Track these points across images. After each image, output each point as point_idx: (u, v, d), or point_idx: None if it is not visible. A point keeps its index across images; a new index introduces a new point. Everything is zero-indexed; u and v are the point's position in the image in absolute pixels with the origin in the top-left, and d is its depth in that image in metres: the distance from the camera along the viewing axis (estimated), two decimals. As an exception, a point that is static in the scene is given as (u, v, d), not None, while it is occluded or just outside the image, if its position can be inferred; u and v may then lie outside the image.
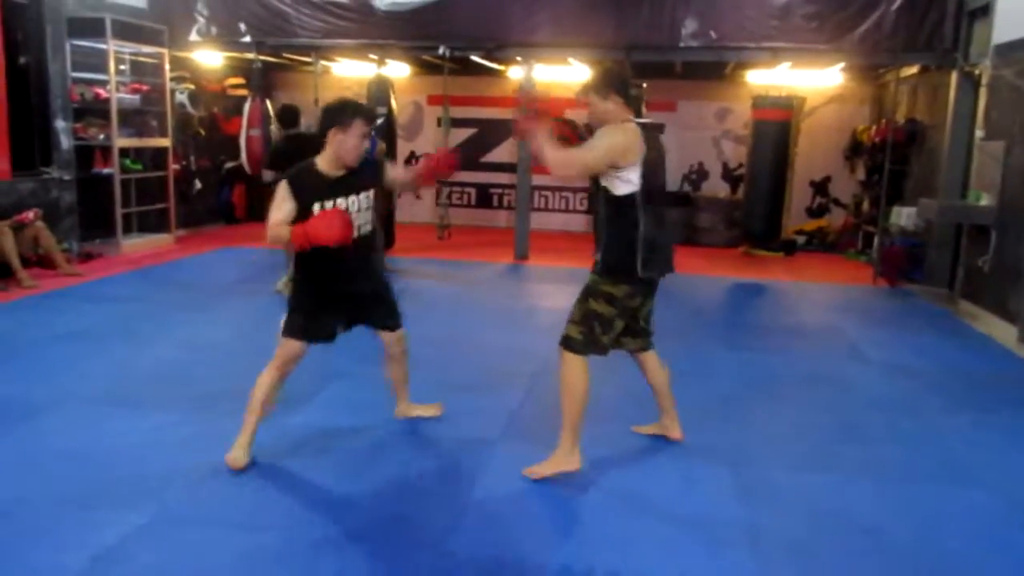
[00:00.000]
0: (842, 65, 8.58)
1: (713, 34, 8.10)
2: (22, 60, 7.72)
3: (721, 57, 8.47)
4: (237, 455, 3.36)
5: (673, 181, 11.10)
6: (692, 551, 2.88)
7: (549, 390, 4.55)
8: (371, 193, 3.50)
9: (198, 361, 4.88)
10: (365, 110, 3.46)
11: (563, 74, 9.87)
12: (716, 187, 11.20)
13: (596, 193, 3.35)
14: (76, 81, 8.11)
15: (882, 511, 3.25)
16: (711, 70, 9.76)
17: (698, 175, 11.31)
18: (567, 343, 3.43)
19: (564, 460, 3.38)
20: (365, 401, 4.20)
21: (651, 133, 3.33)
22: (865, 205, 9.94)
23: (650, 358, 3.77)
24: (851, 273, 8.84)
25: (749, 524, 3.09)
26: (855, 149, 10.39)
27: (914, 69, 8.68)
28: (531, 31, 8.45)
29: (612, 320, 3.43)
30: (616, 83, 3.30)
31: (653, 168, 3.27)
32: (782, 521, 3.14)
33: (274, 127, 9.36)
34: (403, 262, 8.36)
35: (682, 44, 8.19)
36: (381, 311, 3.70)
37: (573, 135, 3.80)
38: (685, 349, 5.53)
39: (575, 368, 3.38)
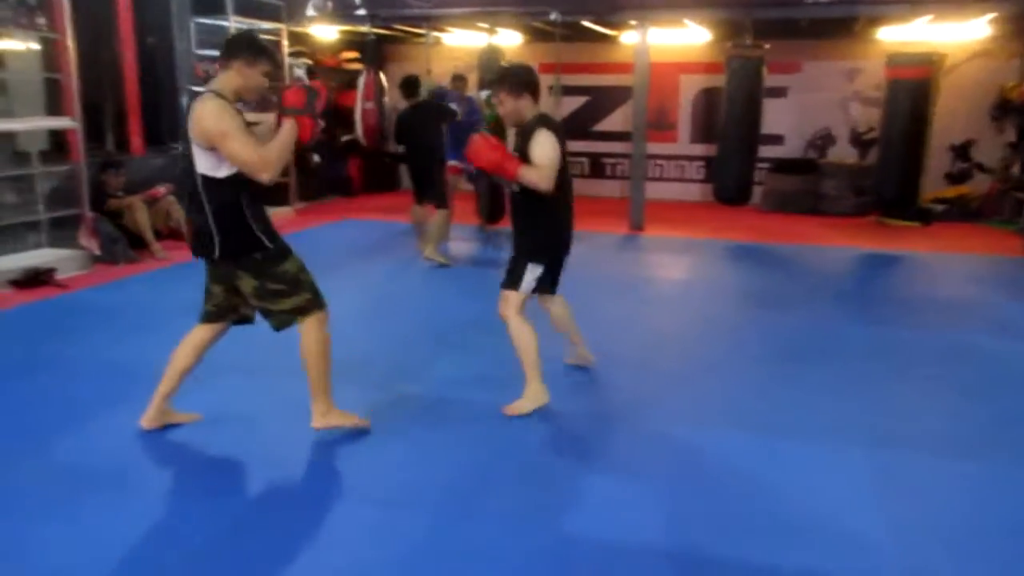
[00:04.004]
0: (991, 16, 7.83)
1: (845, -13, 7.55)
2: (150, 39, 8.04)
3: (853, 12, 7.89)
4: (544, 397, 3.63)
5: (797, 147, 10.52)
6: (829, 550, 2.67)
7: (664, 363, 4.40)
8: None
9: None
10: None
11: (679, 37, 9.49)
12: (843, 153, 10.53)
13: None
14: (200, 58, 8.40)
15: (1045, 506, 2.93)
16: (839, 27, 9.13)
17: (824, 140, 10.65)
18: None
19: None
20: (482, 373, 4.15)
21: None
22: (1016, 169, 9.11)
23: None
24: (998, 243, 8.13)
25: (890, 519, 2.84)
26: (1003, 108, 9.50)
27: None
28: (647, -9, 8.12)
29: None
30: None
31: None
32: (928, 515, 2.88)
33: (387, 99, 9.48)
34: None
35: (809, -1, 7.68)
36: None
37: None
38: (810, 323, 5.23)
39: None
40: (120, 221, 6.86)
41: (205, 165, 3.01)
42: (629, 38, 9.53)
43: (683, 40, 9.75)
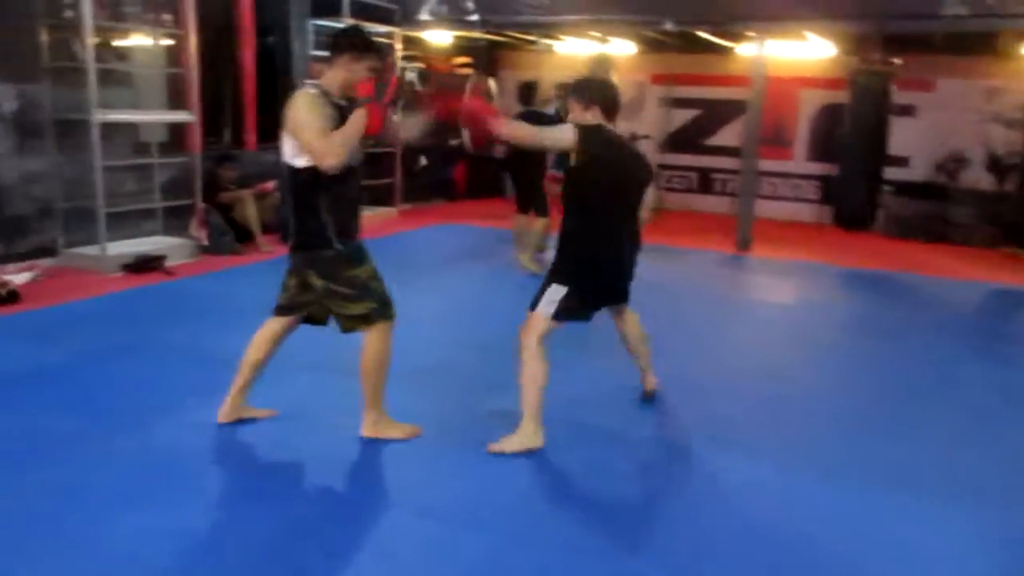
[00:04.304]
0: None
1: (988, -1, 6.99)
2: (270, 39, 8.31)
3: (996, 27, 7.30)
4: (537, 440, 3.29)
5: (924, 169, 9.85)
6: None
7: (760, 392, 4.13)
8: None
9: (403, 335, 4.92)
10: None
11: (800, 50, 9.06)
12: (977, 178, 9.79)
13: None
14: (315, 59, 8.61)
15: None
16: (980, 43, 8.49)
17: (956, 164, 9.93)
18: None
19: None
20: (565, 391, 4.00)
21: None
22: None
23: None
24: None
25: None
26: None
27: None
28: (766, 2, 7.78)
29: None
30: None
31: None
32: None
33: (495, 105, 9.46)
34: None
35: (946, 11, 7.15)
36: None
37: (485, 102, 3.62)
38: (925, 359, 4.83)
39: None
40: (230, 214, 7.09)
41: (289, 153, 3.09)
42: (746, 50, 9.18)
43: (804, 54, 9.30)
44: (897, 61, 8.05)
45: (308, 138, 2.96)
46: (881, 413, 3.95)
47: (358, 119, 3.05)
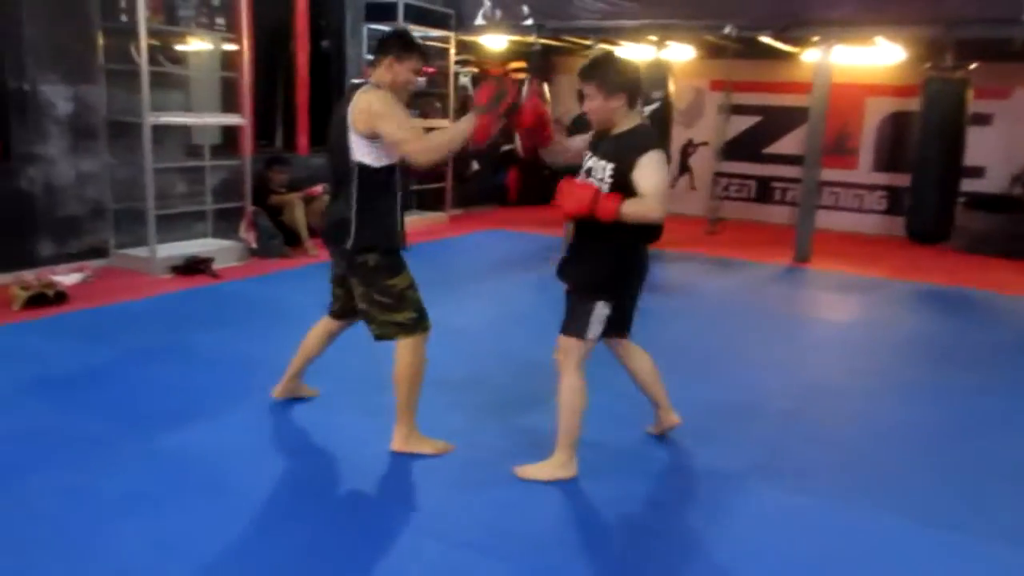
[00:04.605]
0: None
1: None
2: (324, 44, 8.31)
3: (1080, 32, 6.87)
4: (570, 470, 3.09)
5: (999, 181, 9.35)
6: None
7: (813, 419, 3.88)
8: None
9: (442, 345, 4.80)
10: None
11: (867, 56, 8.69)
12: (1056, 191, 9.26)
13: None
14: (369, 63, 8.58)
15: None
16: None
17: (1033, 176, 9.43)
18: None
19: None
20: (608, 409, 3.82)
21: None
22: None
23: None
24: None
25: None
26: None
27: None
28: (832, 5, 7.46)
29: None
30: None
31: None
32: None
33: (549, 110, 9.30)
34: (667, 255, 7.86)
35: (1028, 17, 6.75)
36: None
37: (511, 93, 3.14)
38: (1003, 390, 4.49)
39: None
40: (279, 217, 7.09)
41: (360, 151, 3.00)
42: (810, 56, 8.85)
43: (871, 60, 8.92)
44: (972, 67, 7.62)
45: (395, 129, 2.90)
46: (949, 447, 3.67)
47: (463, 124, 2.97)
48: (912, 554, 2.73)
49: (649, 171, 2.86)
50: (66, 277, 5.44)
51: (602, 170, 2.96)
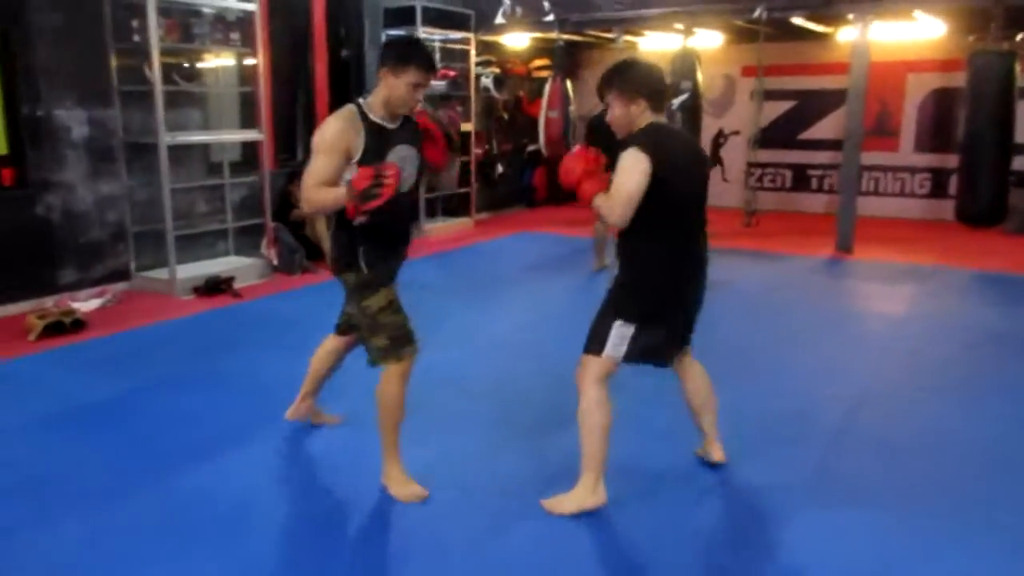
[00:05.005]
0: None
1: None
2: (344, 53, 8.15)
3: None
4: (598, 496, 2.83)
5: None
6: None
7: (869, 428, 3.58)
8: None
9: (468, 357, 4.60)
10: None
11: (906, 32, 8.30)
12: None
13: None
14: (390, 70, 8.41)
15: None
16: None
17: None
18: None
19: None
20: (653, 427, 3.58)
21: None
22: None
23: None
24: None
25: None
26: None
27: None
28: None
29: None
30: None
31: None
32: None
33: (573, 108, 9.06)
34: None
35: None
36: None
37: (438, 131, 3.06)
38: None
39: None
40: (302, 231, 6.95)
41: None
42: (846, 35, 8.48)
43: (911, 35, 8.52)
44: (1020, 38, 7.21)
45: (309, 169, 2.75)
46: (1016, 453, 3.36)
47: (338, 196, 2.65)
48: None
49: (619, 170, 2.68)
50: (86, 303, 5.34)
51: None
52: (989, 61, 7.22)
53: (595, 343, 2.83)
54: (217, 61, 6.67)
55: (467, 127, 9.11)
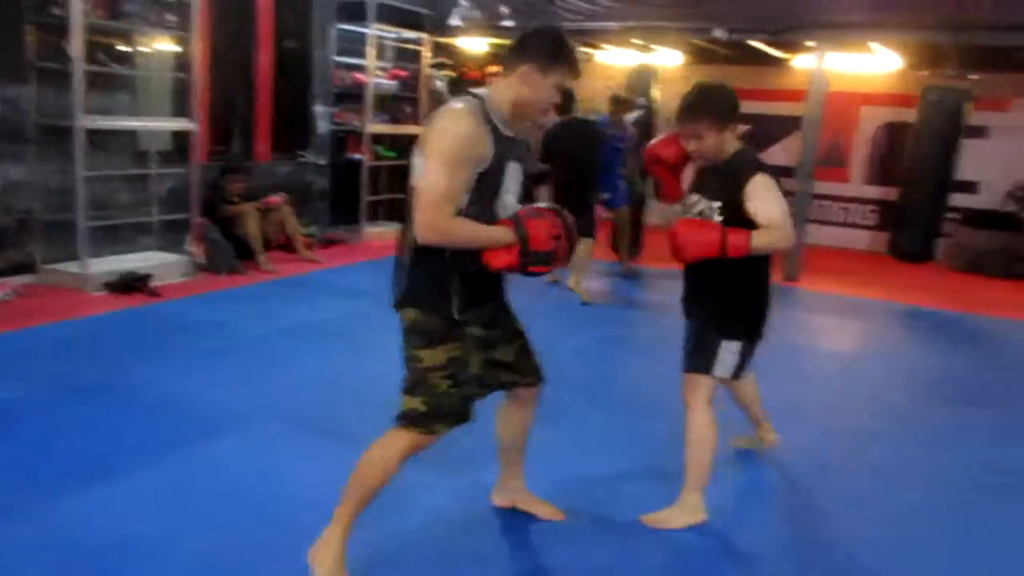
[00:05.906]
0: None
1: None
2: (289, 44, 7.76)
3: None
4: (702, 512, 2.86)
5: (993, 197, 8.96)
6: None
7: (830, 475, 3.38)
8: None
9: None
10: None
11: (861, 64, 8.30)
12: (1055, 208, 8.88)
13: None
14: (339, 66, 8.06)
15: None
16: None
17: (1030, 192, 9.04)
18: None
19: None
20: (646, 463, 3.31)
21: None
22: None
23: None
24: None
25: None
26: None
27: None
28: (830, 9, 7.03)
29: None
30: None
31: None
32: None
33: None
34: (647, 272, 7.38)
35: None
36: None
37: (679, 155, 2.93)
38: (1006, 420, 4.04)
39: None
40: (232, 229, 6.53)
41: (420, 174, 2.18)
42: (802, 62, 8.45)
43: (866, 67, 8.54)
44: (974, 77, 7.23)
45: (428, 179, 2.11)
46: (993, 512, 3.20)
47: (494, 239, 2.19)
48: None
49: (764, 198, 2.65)
50: (-20, 297, 4.87)
51: (710, 210, 2.75)
52: (941, 97, 7.23)
53: (700, 363, 2.87)
54: (154, 44, 6.22)
55: (414, 130, 8.78)
